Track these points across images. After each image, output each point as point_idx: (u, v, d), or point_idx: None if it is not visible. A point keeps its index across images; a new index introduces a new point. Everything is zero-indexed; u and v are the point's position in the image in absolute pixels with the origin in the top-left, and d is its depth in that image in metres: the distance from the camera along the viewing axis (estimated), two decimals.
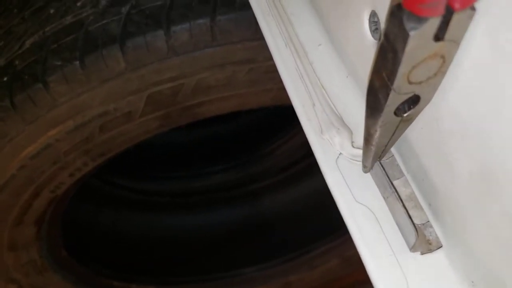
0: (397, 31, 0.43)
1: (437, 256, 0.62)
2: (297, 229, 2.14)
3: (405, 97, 0.50)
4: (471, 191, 0.53)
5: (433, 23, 0.41)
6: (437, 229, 0.63)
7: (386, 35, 0.45)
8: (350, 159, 0.71)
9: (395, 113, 0.53)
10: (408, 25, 0.41)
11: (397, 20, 0.42)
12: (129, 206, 2.15)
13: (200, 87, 1.21)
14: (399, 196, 0.64)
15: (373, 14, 0.64)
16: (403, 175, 0.67)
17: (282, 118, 2.16)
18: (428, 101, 0.52)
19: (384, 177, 0.67)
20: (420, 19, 0.40)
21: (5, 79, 1.17)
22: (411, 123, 0.56)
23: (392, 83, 0.47)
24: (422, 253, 0.62)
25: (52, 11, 1.19)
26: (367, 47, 0.68)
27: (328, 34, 0.82)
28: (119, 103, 1.19)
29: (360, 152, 0.70)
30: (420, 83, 0.48)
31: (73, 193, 1.53)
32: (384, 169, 0.67)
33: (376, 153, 0.62)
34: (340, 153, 0.71)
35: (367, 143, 0.61)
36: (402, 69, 0.45)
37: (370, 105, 0.55)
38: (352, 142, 0.72)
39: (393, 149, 0.68)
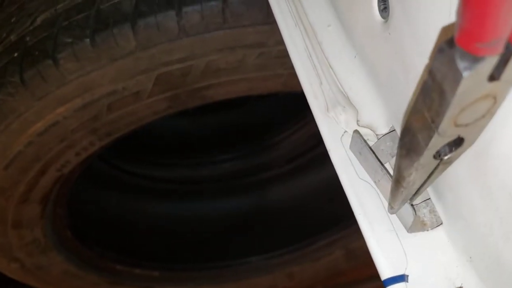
0: (446, 70, 0.38)
1: (437, 233, 0.62)
2: (302, 220, 2.14)
3: (447, 140, 0.46)
4: (470, 165, 0.53)
5: (490, 63, 0.36)
6: (438, 207, 0.63)
7: (432, 73, 0.41)
8: None
9: (434, 156, 0.49)
10: (461, 64, 0.36)
11: (446, 58, 0.38)
12: (136, 192, 2.16)
13: (209, 70, 1.21)
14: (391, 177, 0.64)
15: None
16: None
17: (291, 109, 2.17)
18: (472, 143, 0.48)
19: (374, 161, 0.66)
20: (475, 58, 0.36)
21: (15, 54, 1.17)
22: (449, 165, 0.52)
23: (437, 126, 0.43)
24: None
25: None
26: (375, 27, 0.68)
27: (337, 15, 0.82)
28: (128, 82, 1.19)
29: (365, 130, 0.71)
30: (466, 125, 0.44)
31: (80, 173, 1.53)
32: (373, 152, 0.67)
33: (406, 196, 0.58)
34: (345, 131, 0.72)
35: (398, 185, 0.57)
36: (450, 112, 0.41)
37: (405, 146, 0.51)
38: (358, 120, 0.72)
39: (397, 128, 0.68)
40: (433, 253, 0.62)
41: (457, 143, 0.47)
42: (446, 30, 0.49)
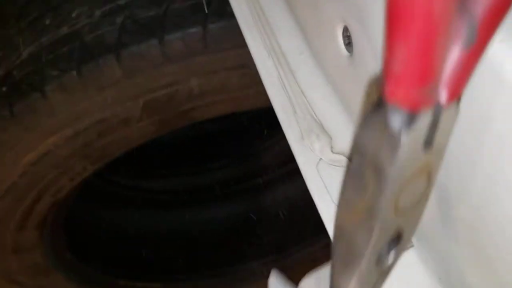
0: (378, 141, 0.34)
1: (409, 254, 0.64)
2: (300, 223, 2.15)
3: (389, 235, 0.41)
4: (436, 198, 0.54)
5: (425, 121, 0.32)
6: None
7: (361, 149, 0.37)
8: (330, 164, 0.73)
9: (376, 262, 0.43)
10: (395, 124, 0.32)
11: (377, 122, 0.33)
12: (132, 205, 2.17)
13: (194, 93, 1.24)
14: None
15: (346, 29, 0.66)
16: None
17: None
18: (409, 240, 0.43)
19: None
20: (410, 117, 0.32)
21: (4, 89, 1.20)
22: (389, 273, 0.46)
23: (376, 215, 0.37)
24: None
25: (47, 21, 1.21)
26: (342, 60, 0.69)
27: (308, 44, 0.85)
28: (116, 110, 1.22)
29: (339, 157, 0.73)
30: (405, 212, 0.39)
31: (75, 195, 1.55)
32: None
33: None
34: (320, 159, 0.74)
35: None
36: (390, 191, 0.36)
37: (341, 256, 0.45)
38: (332, 147, 0.74)
39: None
40: (405, 273, 0.63)
41: (395, 240, 0.42)
42: (369, 94, 0.49)
